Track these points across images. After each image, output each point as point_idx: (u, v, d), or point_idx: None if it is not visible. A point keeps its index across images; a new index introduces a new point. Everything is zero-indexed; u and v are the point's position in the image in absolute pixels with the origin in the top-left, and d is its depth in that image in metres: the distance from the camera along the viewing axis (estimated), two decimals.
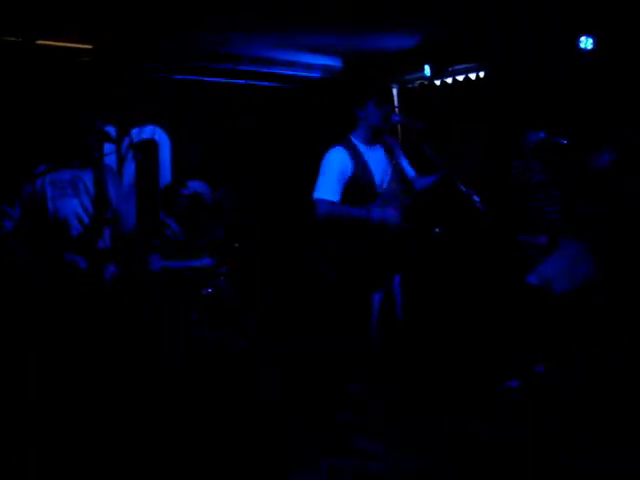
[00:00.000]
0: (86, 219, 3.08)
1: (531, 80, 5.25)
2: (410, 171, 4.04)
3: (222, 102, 6.11)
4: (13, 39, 4.41)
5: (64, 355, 2.99)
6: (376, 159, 3.87)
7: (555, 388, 4.04)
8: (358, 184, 3.77)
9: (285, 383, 4.54)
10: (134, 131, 5.38)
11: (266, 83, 6.08)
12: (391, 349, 3.98)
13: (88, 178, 3.14)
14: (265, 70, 5.65)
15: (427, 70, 5.78)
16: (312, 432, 4.16)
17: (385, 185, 3.82)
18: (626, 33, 4.57)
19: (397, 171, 3.90)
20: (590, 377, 4.26)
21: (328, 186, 3.75)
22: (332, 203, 3.73)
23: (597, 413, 3.84)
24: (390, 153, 3.95)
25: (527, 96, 5.15)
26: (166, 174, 5.94)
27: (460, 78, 5.89)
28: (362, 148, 3.85)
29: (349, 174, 3.77)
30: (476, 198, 3.59)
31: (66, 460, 3.06)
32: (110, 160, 5.37)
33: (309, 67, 5.88)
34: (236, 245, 5.20)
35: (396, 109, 3.83)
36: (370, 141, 3.89)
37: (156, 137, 5.80)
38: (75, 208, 3.07)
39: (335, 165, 3.78)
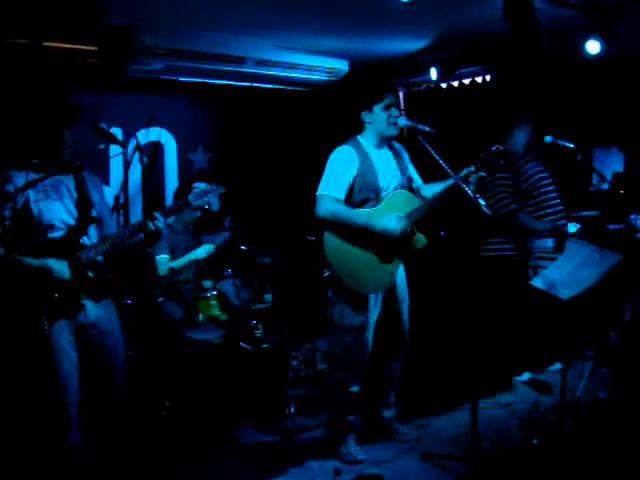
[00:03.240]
0: (70, 221, 3.10)
1: (536, 83, 5.25)
2: (417, 179, 4.01)
3: (228, 104, 6.13)
4: (21, 41, 4.44)
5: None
6: (384, 162, 3.83)
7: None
8: (362, 184, 3.72)
9: (284, 383, 4.53)
10: (140, 133, 5.38)
11: (271, 85, 6.08)
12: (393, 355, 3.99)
13: (70, 182, 3.18)
14: (270, 72, 5.63)
15: (433, 73, 5.78)
16: (312, 432, 4.16)
17: (392, 188, 3.80)
18: (631, 37, 4.57)
19: (405, 176, 3.89)
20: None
21: (333, 183, 3.68)
22: (337, 200, 3.65)
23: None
24: (398, 158, 3.92)
25: (532, 99, 5.13)
26: (172, 176, 5.96)
27: (466, 81, 5.89)
28: (370, 150, 3.81)
29: (354, 173, 3.71)
30: (482, 202, 3.57)
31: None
32: (116, 162, 5.41)
33: (315, 70, 5.85)
34: (242, 247, 5.20)
35: (402, 112, 3.77)
36: (378, 144, 3.84)
37: (162, 139, 5.82)
38: (58, 210, 3.09)
39: (341, 163, 3.72)
